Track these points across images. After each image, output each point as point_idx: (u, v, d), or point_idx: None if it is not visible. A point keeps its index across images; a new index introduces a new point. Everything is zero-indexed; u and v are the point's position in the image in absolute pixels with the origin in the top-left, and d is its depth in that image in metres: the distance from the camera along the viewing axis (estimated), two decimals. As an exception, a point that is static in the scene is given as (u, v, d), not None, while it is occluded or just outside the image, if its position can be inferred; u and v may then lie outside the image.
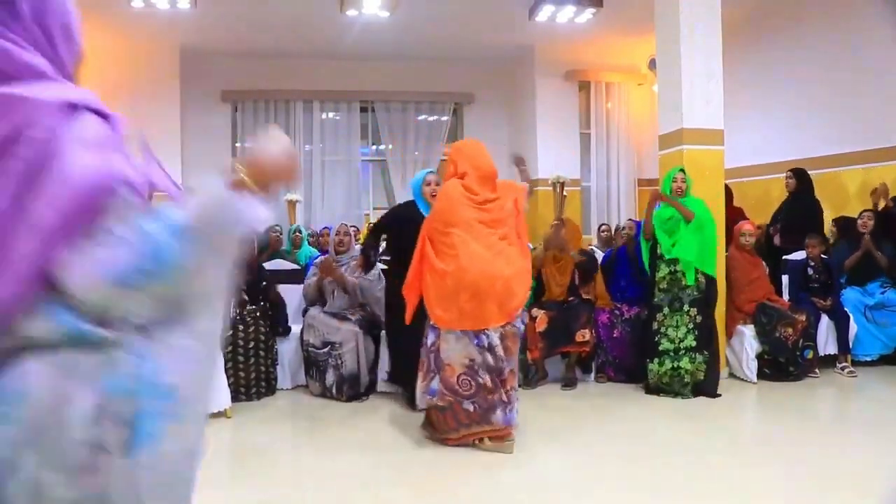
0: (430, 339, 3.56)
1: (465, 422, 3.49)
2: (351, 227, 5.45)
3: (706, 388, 4.52)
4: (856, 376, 5.06)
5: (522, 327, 3.72)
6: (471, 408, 3.46)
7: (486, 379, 3.45)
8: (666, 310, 4.63)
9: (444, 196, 3.62)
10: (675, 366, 4.54)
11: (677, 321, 4.59)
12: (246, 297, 4.72)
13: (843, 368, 5.16)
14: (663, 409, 4.30)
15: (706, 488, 3.05)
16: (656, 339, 4.63)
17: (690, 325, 4.56)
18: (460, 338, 3.47)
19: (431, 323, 3.54)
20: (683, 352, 4.54)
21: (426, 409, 3.65)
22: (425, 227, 3.65)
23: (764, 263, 5.35)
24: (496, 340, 3.46)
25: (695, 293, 4.56)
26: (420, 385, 3.62)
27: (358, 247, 5.07)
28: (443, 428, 3.54)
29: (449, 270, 3.43)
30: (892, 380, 5.04)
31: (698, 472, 3.26)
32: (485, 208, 3.56)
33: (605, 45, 8.22)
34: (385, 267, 5.53)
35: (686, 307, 4.57)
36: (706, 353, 4.55)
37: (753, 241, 5.24)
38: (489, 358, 3.45)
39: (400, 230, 4.22)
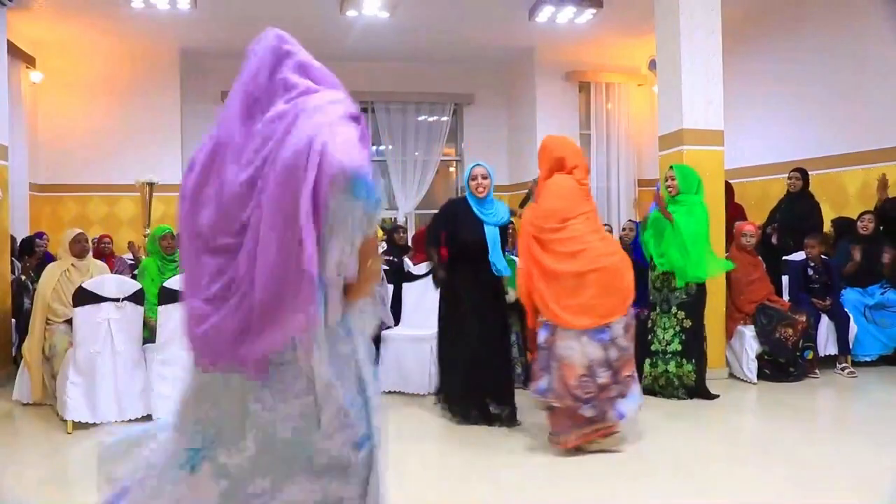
0: (541, 336, 3.51)
1: (581, 423, 3.40)
2: None
3: (700, 392, 4.51)
4: (856, 377, 5.05)
5: (634, 311, 3.68)
6: (589, 413, 3.35)
7: (605, 377, 3.36)
8: (657, 309, 4.63)
9: (557, 194, 3.54)
10: (664, 369, 4.54)
11: (665, 323, 4.58)
12: None
13: (843, 369, 5.16)
14: (663, 408, 4.30)
15: (706, 488, 3.05)
16: (649, 337, 4.63)
17: (677, 328, 4.53)
18: (580, 336, 3.37)
19: (544, 320, 3.48)
20: (670, 356, 4.53)
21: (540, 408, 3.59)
22: (530, 229, 3.53)
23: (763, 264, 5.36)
24: (620, 331, 3.42)
25: (683, 296, 4.51)
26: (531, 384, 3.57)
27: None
28: (557, 429, 3.46)
29: (573, 268, 3.39)
30: (891, 380, 5.04)
31: (698, 472, 3.25)
32: (591, 199, 3.63)
33: (605, 46, 8.22)
34: (388, 267, 5.54)
35: (674, 309, 4.54)
36: (693, 359, 4.48)
37: (755, 241, 5.22)
38: (612, 352, 3.38)
39: (456, 225, 4.03)
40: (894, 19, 5.96)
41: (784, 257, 5.69)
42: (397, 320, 5.14)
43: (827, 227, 5.98)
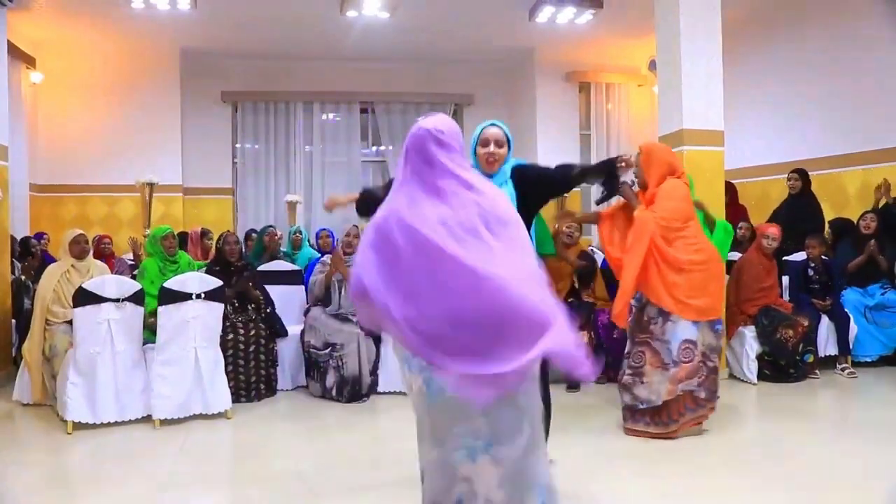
0: (693, 335, 3.67)
1: (692, 407, 3.69)
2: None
3: None
4: (856, 377, 5.06)
5: None
6: (703, 394, 3.69)
7: (716, 361, 3.77)
8: None
9: (679, 196, 3.78)
10: None
11: None
12: (235, 302, 4.73)
13: (843, 369, 5.16)
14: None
15: (706, 488, 3.05)
16: None
17: None
18: (701, 326, 3.68)
19: (667, 313, 3.65)
20: None
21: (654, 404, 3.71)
22: (654, 227, 3.68)
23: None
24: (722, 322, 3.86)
25: None
26: (655, 379, 3.68)
27: None
28: (667, 420, 3.68)
29: (701, 262, 3.69)
30: (892, 380, 5.04)
31: (698, 472, 3.26)
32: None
33: (606, 47, 8.22)
34: None
35: None
36: None
37: (776, 245, 5.10)
38: (719, 341, 3.83)
39: None
40: (894, 20, 5.96)
41: (784, 258, 5.69)
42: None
43: (826, 227, 5.98)
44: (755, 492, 2.99)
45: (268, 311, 4.85)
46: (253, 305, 4.79)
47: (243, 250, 5.47)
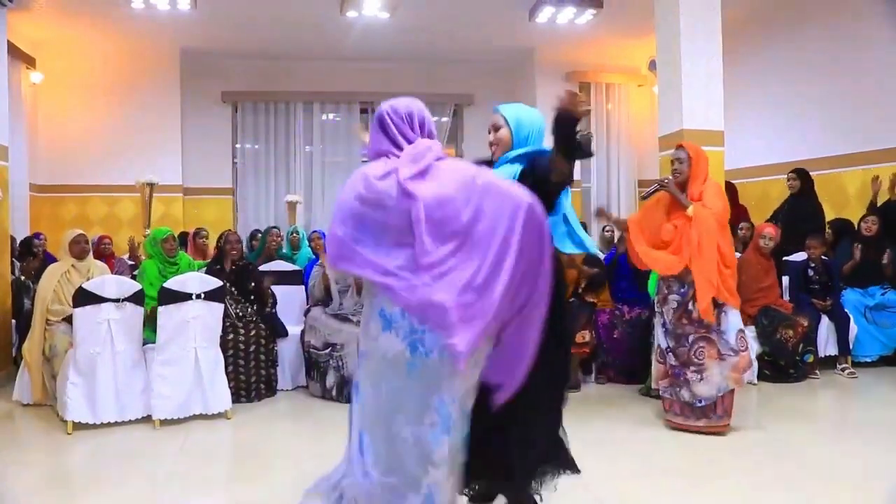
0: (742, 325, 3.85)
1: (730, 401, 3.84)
2: None
3: None
4: (856, 377, 5.06)
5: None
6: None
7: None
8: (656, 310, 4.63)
9: (724, 197, 3.97)
10: None
11: None
12: (240, 297, 4.72)
13: (843, 370, 5.16)
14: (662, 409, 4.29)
15: (706, 488, 3.05)
16: (651, 339, 4.63)
17: None
18: (736, 315, 3.82)
19: (721, 304, 3.74)
20: None
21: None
22: (720, 223, 3.80)
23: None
24: None
25: None
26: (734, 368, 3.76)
27: None
28: (721, 413, 3.79)
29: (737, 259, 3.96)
30: (892, 381, 5.04)
31: (698, 472, 3.26)
32: None
33: (606, 47, 8.22)
34: None
35: None
36: None
37: (773, 245, 5.11)
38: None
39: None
40: (894, 20, 5.96)
41: (784, 258, 5.68)
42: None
43: (827, 227, 5.98)
44: (755, 491, 2.99)
45: (272, 310, 4.86)
46: (257, 304, 4.79)
47: (244, 249, 5.48)
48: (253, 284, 4.79)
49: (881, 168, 5.89)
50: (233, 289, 4.69)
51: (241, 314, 4.65)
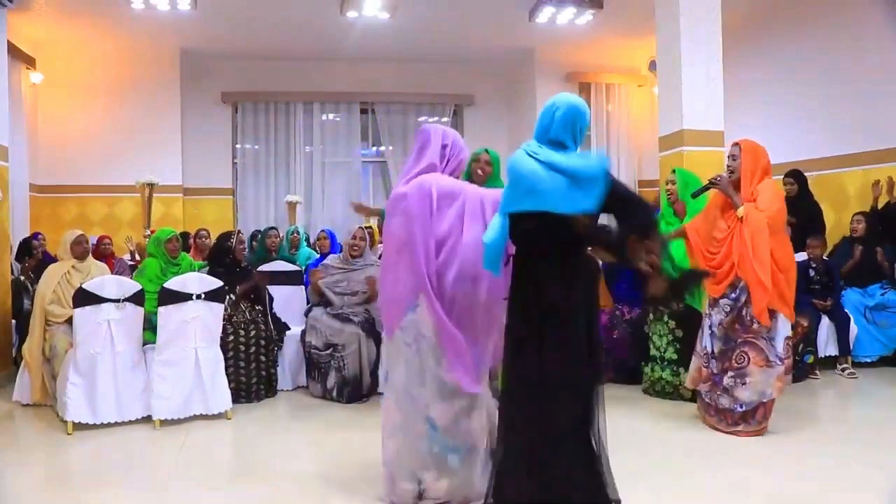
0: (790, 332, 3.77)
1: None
2: (366, 228, 5.22)
3: (697, 398, 4.48)
4: (856, 377, 5.06)
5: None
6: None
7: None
8: (651, 315, 4.63)
9: (781, 199, 3.86)
10: (660, 376, 4.53)
11: (659, 330, 4.57)
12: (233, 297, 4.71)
13: (843, 370, 5.16)
14: (663, 410, 4.30)
15: (705, 488, 3.05)
16: (648, 342, 4.63)
17: (670, 338, 4.50)
18: (785, 323, 3.72)
19: (773, 311, 3.64)
20: (666, 363, 4.52)
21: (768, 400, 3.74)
22: (773, 226, 3.66)
23: None
24: None
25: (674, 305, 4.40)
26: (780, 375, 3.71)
27: (371, 252, 5.02)
28: (761, 418, 3.74)
29: (793, 263, 3.78)
30: (892, 381, 5.03)
31: (697, 472, 3.25)
32: None
33: (606, 47, 8.22)
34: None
35: (666, 318, 4.52)
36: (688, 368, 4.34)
37: None
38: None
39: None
40: (894, 20, 5.96)
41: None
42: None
43: (828, 228, 5.98)
44: (755, 491, 2.99)
45: (272, 312, 4.86)
46: (259, 306, 4.78)
47: (246, 251, 5.49)
48: (254, 286, 4.79)
49: (881, 168, 5.89)
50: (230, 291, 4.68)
51: (241, 316, 4.64)
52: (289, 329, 4.93)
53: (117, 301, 4.02)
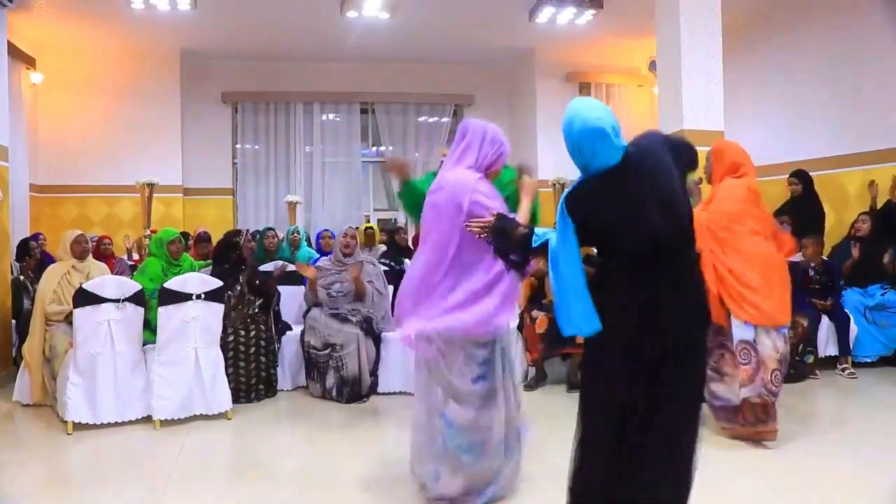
0: (748, 333, 3.52)
1: (773, 416, 3.58)
2: (366, 228, 5.32)
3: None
4: (856, 377, 5.05)
5: None
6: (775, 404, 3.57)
7: (786, 370, 3.64)
8: None
9: (733, 196, 3.67)
10: None
11: None
12: (247, 293, 4.70)
13: (843, 370, 5.16)
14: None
15: (705, 488, 3.04)
16: None
17: None
18: (769, 332, 3.53)
19: (740, 321, 3.51)
20: None
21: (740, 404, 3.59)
22: (713, 228, 3.58)
23: None
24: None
25: None
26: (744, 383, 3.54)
27: (366, 251, 5.05)
28: (753, 419, 3.58)
29: (756, 268, 3.51)
30: (892, 381, 5.03)
31: (697, 472, 3.25)
32: (762, 203, 3.77)
33: (606, 47, 8.22)
34: (387, 268, 5.49)
35: None
36: None
37: None
38: (787, 346, 3.64)
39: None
40: (894, 20, 5.96)
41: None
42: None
43: (828, 228, 5.98)
44: (755, 492, 2.99)
45: (277, 308, 4.87)
46: (261, 300, 4.78)
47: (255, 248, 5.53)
48: (258, 283, 4.80)
49: (881, 168, 5.89)
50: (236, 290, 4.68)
51: (246, 310, 4.63)
52: (290, 330, 4.94)
53: (117, 301, 4.03)
